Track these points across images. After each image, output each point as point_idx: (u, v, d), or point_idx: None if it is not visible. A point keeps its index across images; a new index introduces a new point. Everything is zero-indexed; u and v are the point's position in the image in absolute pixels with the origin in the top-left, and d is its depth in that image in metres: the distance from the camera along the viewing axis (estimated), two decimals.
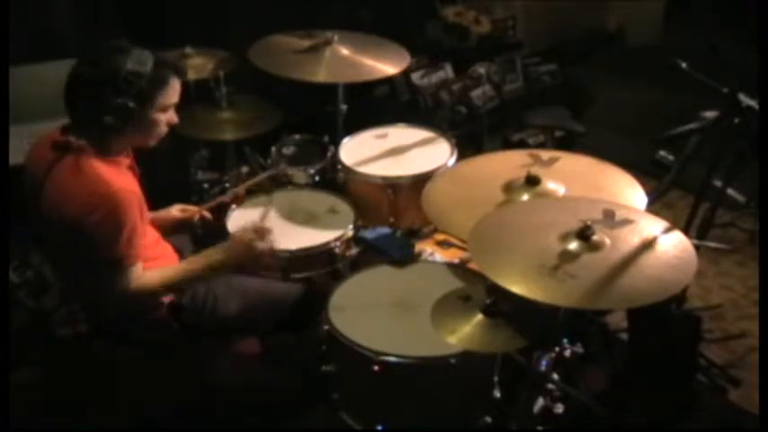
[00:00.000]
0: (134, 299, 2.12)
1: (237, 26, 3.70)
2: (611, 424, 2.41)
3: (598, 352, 2.74)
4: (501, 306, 1.95)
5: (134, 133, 2.11)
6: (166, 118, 2.15)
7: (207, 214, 2.59)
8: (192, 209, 2.59)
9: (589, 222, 1.84)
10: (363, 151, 2.92)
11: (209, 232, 2.60)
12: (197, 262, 2.24)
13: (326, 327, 2.17)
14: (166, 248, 2.38)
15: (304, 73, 2.86)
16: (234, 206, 2.77)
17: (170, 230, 2.50)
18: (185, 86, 3.01)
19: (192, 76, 3.04)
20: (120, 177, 2.08)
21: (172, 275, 2.21)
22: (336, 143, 2.99)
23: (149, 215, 2.36)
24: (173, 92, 2.12)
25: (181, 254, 2.44)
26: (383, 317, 2.22)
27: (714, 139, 2.54)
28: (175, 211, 2.56)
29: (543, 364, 2.15)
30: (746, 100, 2.42)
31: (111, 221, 1.99)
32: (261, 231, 2.29)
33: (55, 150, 2.06)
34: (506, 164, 2.33)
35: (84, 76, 2.02)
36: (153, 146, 2.22)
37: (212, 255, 2.24)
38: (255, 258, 2.27)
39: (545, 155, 2.38)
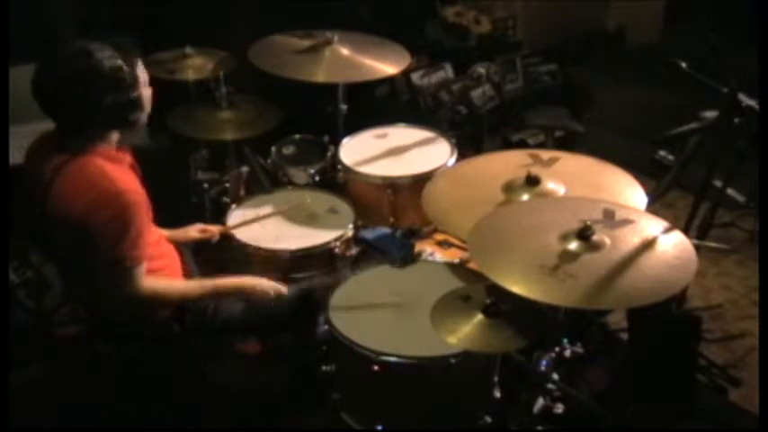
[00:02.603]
0: (138, 300, 2.11)
1: (237, 26, 3.69)
2: (611, 424, 2.42)
3: (598, 352, 2.74)
4: (501, 306, 1.95)
5: (133, 120, 2.10)
6: (147, 93, 2.15)
7: (228, 233, 2.59)
8: (213, 230, 2.59)
9: (589, 222, 1.84)
10: (363, 151, 2.92)
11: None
12: (204, 288, 2.25)
13: (326, 327, 2.17)
14: (169, 248, 2.38)
15: (304, 73, 2.86)
16: (234, 206, 2.77)
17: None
18: (185, 86, 3.05)
19: (191, 76, 3.04)
20: (125, 177, 2.07)
21: (180, 292, 2.22)
22: (336, 143, 2.99)
23: (166, 233, 2.40)
24: (141, 66, 2.12)
25: (182, 253, 2.43)
26: (383, 317, 2.22)
27: (714, 139, 2.54)
28: (194, 231, 2.56)
29: (543, 364, 2.16)
30: (746, 100, 2.42)
31: (117, 222, 1.99)
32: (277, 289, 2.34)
33: (58, 152, 2.06)
34: (506, 164, 2.33)
35: (53, 85, 1.99)
36: (147, 143, 2.21)
37: (227, 285, 2.27)
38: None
39: (545, 155, 2.38)
